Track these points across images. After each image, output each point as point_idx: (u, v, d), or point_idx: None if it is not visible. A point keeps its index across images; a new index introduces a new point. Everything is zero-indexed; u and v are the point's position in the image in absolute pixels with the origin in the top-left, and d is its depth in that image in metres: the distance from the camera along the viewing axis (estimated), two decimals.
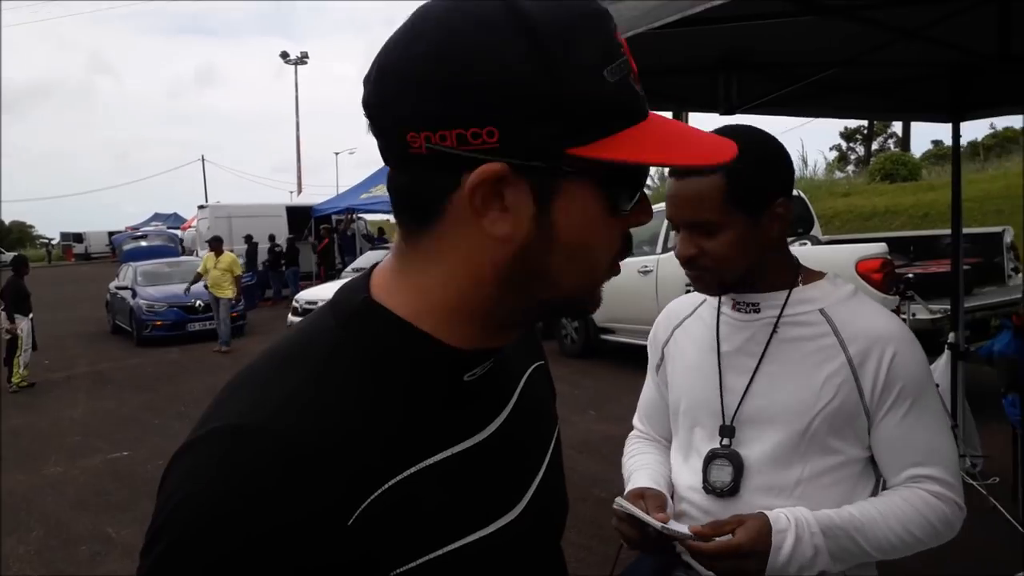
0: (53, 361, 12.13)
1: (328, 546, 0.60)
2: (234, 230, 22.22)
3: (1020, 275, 7.21)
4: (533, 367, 0.89)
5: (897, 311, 6.48)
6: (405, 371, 0.69)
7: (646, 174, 0.73)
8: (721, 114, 4.31)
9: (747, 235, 1.35)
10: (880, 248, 6.54)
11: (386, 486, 0.64)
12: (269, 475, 0.60)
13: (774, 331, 1.39)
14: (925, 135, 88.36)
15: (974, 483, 4.51)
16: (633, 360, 9.32)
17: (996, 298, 6.84)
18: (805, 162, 18.22)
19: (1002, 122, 28.31)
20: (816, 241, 8.19)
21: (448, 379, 0.72)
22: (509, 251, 0.66)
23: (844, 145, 47.97)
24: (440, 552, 0.66)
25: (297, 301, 11.18)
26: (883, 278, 6.46)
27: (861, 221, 13.14)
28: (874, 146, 44.08)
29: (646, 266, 8.80)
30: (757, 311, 1.42)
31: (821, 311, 1.36)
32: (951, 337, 5.05)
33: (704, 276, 1.40)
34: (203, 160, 52.36)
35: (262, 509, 0.59)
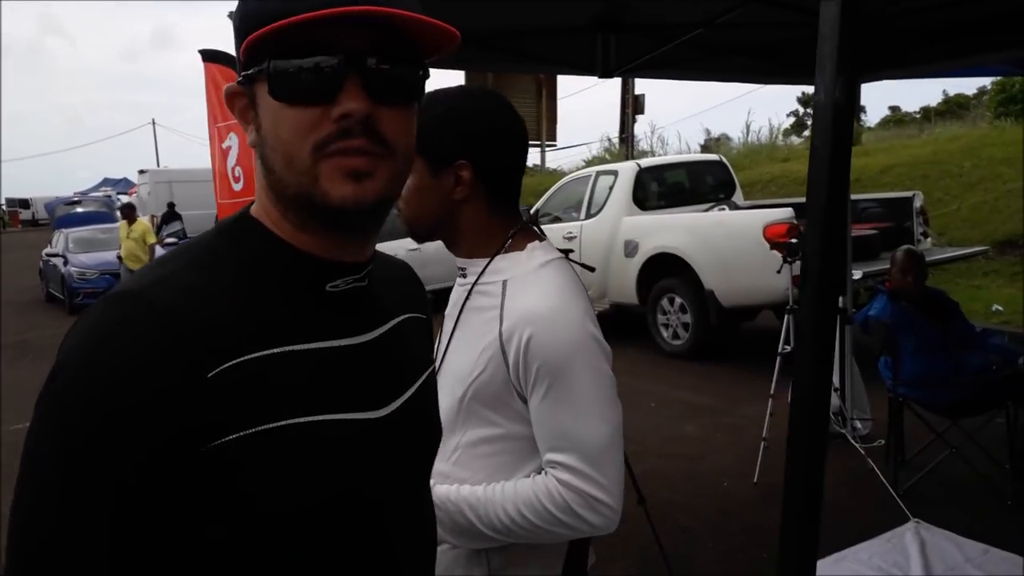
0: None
1: (181, 396, 0.69)
2: (176, 196, 21.74)
3: (929, 239, 7.30)
4: (410, 316, 0.97)
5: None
6: (273, 273, 0.79)
7: (311, 50, 0.75)
8: (599, 77, 4.24)
9: (425, 185, 1.34)
10: (787, 213, 6.57)
11: (245, 358, 0.72)
12: (139, 329, 0.70)
13: (467, 298, 1.36)
14: (883, 100, 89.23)
15: (856, 445, 4.58)
16: None
17: None
18: (748, 127, 18.27)
19: (954, 87, 28.62)
20: (734, 207, 8.20)
21: (310, 285, 0.81)
22: (258, 156, 0.80)
23: (801, 111, 48.25)
24: (290, 422, 0.74)
25: None
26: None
27: (796, 186, 13.22)
28: None
29: (570, 232, 8.76)
30: (464, 276, 1.41)
31: (503, 283, 1.32)
32: (840, 302, 5.09)
33: (399, 217, 1.39)
34: (153, 124, 51.30)
35: (129, 357, 0.69)
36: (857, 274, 6.17)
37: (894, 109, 44.42)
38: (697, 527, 3.95)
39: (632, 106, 22.38)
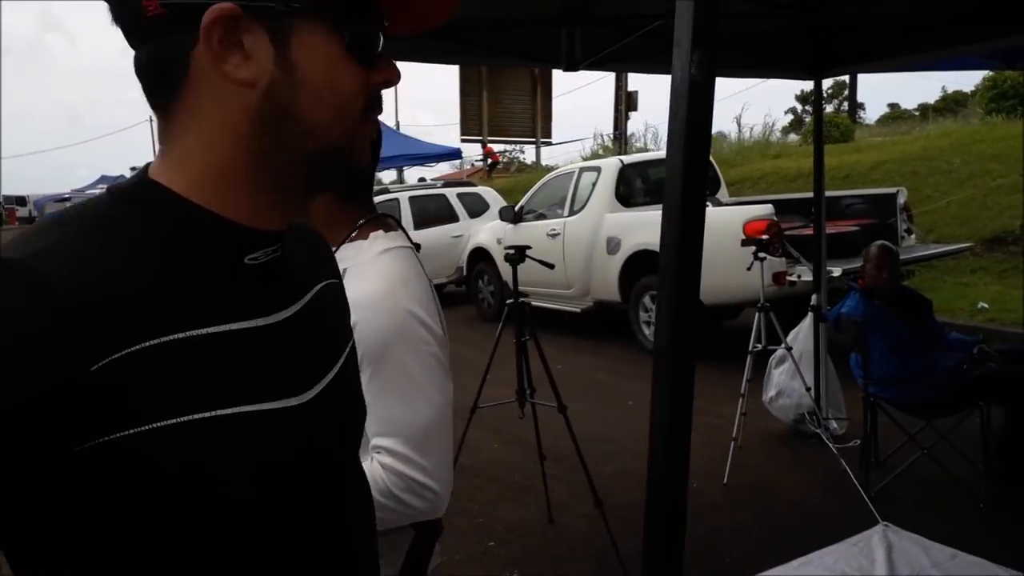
0: None
1: (73, 390, 0.60)
2: None
3: (913, 236, 7.21)
4: (326, 283, 0.89)
5: (784, 274, 6.45)
6: (181, 245, 0.69)
7: (379, 15, 0.74)
8: (564, 69, 4.16)
9: None
10: (766, 210, 6.48)
11: (148, 343, 0.63)
12: (22, 310, 0.59)
13: None
14: (882, 98, 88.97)
15: (830, 445, 4.51)
16: (545, 324, 9.25)
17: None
18: (739, 124, 18.15)
19: (954, 83, 28.53)
20: (717, 203, 8.11)
21: (227, 257, 0.72)
22: (256, 96, 0.68)
23: (799, 108, 48.21)
24: (205, 415, 0.66)
25: None
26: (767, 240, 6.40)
27: (786, 182, 13.14)
28: (828, 109, 44.31)
29: (554, 229, 8.68)
30: None
31: (345, 271, 1.28)
32: (813, 299, 5.01)
33: None
34: (151, 121, 50.95)
35: (10, 346, 0.58)
36: (836, 271, 6.09)
37: (893, 106, 44.36)
38: None
39: (625, 103, 22.29)
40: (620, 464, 4.71)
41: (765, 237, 4.67)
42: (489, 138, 23.56)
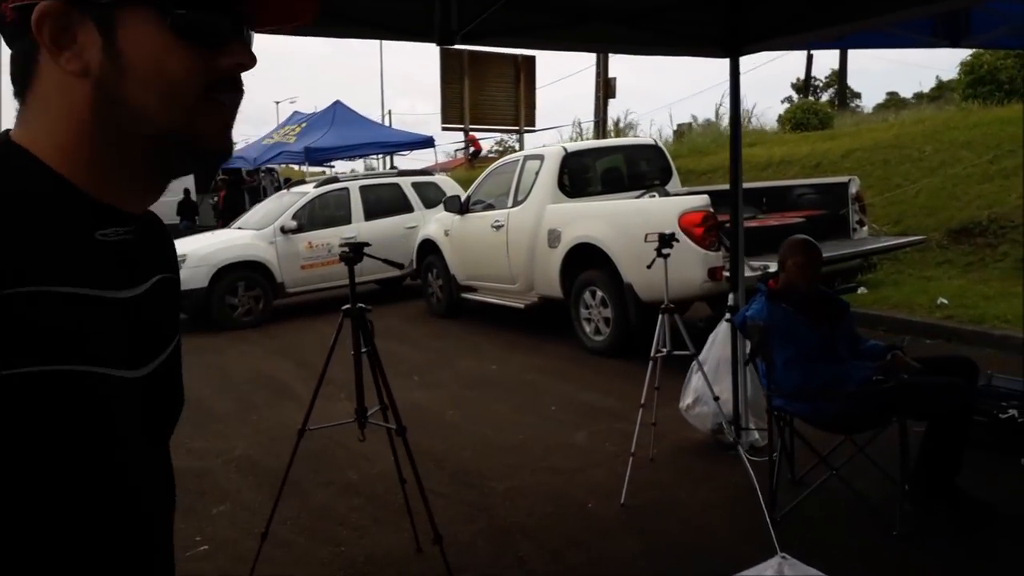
0: None
1: None
2: None
3: (865, 228, 6.79)
4: (165, 275, 0.90)
5: (720, 270, 6.03)
6: (38, 204, 0.73)
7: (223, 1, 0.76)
8: (437, 43, 3.74)
9: None
10: (702, 201, 6.06)
11: (6, 292, 0.66)
12: None
13: None
14: (880, 86, 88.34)
15: (746, 458, 4.10)
16: (492, 320, 8.86)
17: (839, 251, 6.42)
18: (717, 113, 17.67)
19: (948, 72, 28.04)
20: (665, 194, 7.69)
21: (81, 226, 0.76)
22: (90, 85, 0.74)
23: (795, 97, 47.74)
24: (59, 368, 0.69)
25: None
26: (704, 232, 6.00)
27: (756, 171, 12.70)
28: (824, 97, 43.83)
29: (498, 221, 8.26)
30: None
31: None
32: (730, 299, 4.61)
33: None
34: None
35: None
36: (772, 266, 5.68)
37: (892, 94, 43.89)
38: (536, 559, 3.46)
39: (604, 89, 21.82)
40: (516, 481, 4.31)
41: (670, 232, 4.24)
42: (471, 126, 23.16)
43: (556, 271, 7.47)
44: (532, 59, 23.17)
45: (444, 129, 22.26)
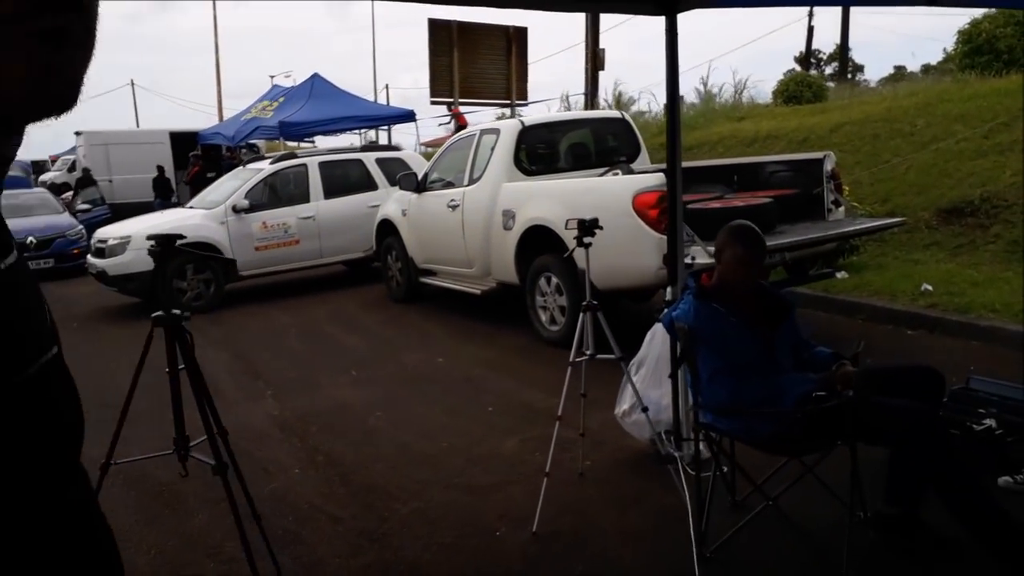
0: None
1: None
2: (112, 159, 20.58)
3: (842, 208, 6.22)
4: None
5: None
6: None
7: None
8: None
9: None
10: (657, 179, 5.50)
11: None
12: None
13: None
14: (888, 59, 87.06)
15: (683, 473, 3.58)
16: (451, 307, 8.33)
17: (809, 234, 5.85)
18: (704, 85, 16.98)
19: (936, 45, 27.24)
20: (628, 171, 7.11)
21: None
22: None
23: (798, 70, 46.86)
24: None
25: (95, 239, 9.87)
26: (659, 215, 5.44)
27: (742, 146, 12.11)
28: (828, 71, 42.93)
29: (454, 200, 7.69)
30: None
31: None
32: (667, 293, 4.07)
33: None
34: (132, 84, 49.50)
35: None
36: (696, 255, 5.12)
37: (899, 68, 42.88)
38: None
39: (592, 61, 21.12)
40: (424, 502, 3.79)
41: (590, 219, 3.68)
42: (461, 100, 22.49)
43: (511, 255, 6.93)
44: (524, 31, 22.38)
45: (433, 103, 21.53)
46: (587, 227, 3.52)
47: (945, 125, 9.54)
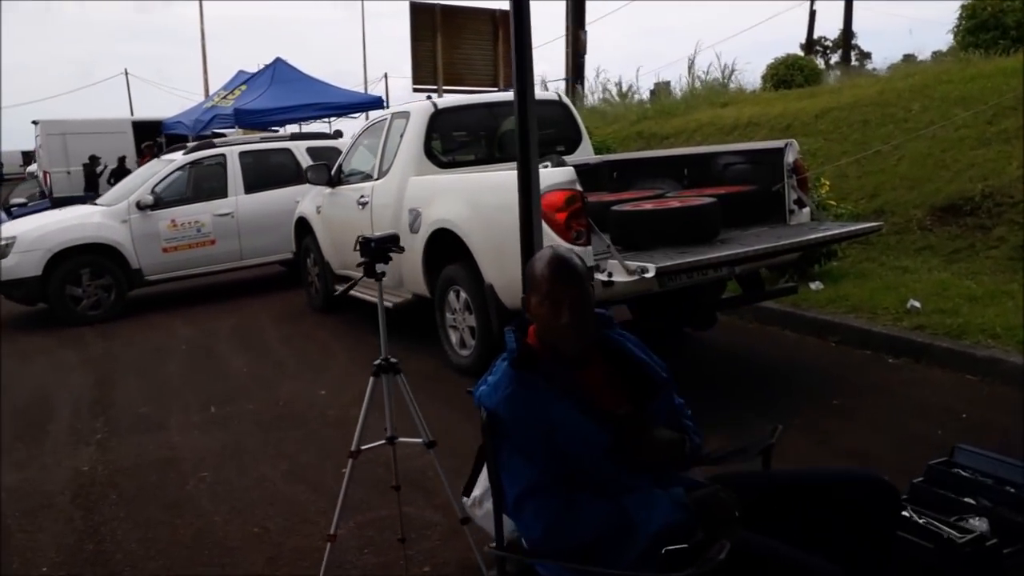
0: None
1: None
2: (70, 149, 19.49)
3: (806, 209, 5.06)
4: None
5: (590, 272, 4.35)
6: None
7: None
8: None
9: None
10: (566, 175, 4.37)
11: None
12: None
13: None
14: (898, 47, 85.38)
15: None
16: (373, 321, 7.28)
17: (759, 244, 4.63)
18: (690, 68, 15.73)
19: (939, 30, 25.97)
20: (559, 163, 5.94)
21: None
22: None
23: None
24: None
25: None
26: (567, 219, 4.30)
27: (721, 134, 10.93)
28: (835, 59, 41.52)
29: (364, 196, 6.57)
30: None
31: None
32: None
33: None
34: (126, 74, 48.39)
35: None
36: (632, 269, 4.01)
37: (908, 57, 41.47)
38: None
39: (573, 45, 19.93)
40: None
41: (383, 236, 2.56)
42: (444, 87, 21.32)
43: (419, 263, 5.80)
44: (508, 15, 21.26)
45: (415, 91, 20.43)
46: (374, 249, 2.39)
47: (943, 109, 8.35)
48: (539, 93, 8.02)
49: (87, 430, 4.96)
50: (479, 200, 5.12)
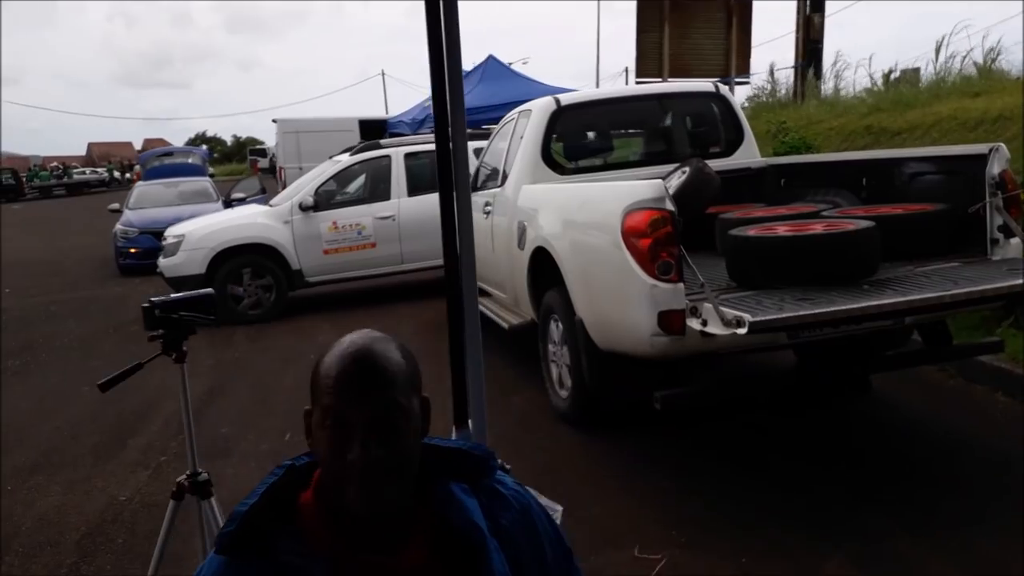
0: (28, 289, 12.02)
1: None
2: (302, 146, 20.81)
3: (1016, 240, 3.61)
4: None
5: (682, 315, 3.34)
6: None
7: None
8: None
9: None
10: (653, 191, 3.36)
11: None
12: None
13: None
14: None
15: None
16: (494, 342, 6.59)
17: (933, 290, 3.31)
18: (937, 53, 13.24)
19: None
20: (698, 170, 4.87)
21: None
22: None
23: None
24: None
25: (166, 237, 9.13)
26: (651, 247, 3.31)
27: (963, 132, 8.91)
28: None
29: (488, 203, 5.91)
30: None
31: None
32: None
33: None
34: (383, 74, 52.26)
35: None
36: (708, 319, 2.95)
37: None
38: None
39: (804, 29, 17.91)
40: None
41: (195, 296, 1.81)
42: (671, 79, 20.38)
43: (524, 284, 5.04)
44: (747, 2, 19.86)
45: (638, 82, 19.72)
46: (158, 318, 1.66)
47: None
48: (693, 84, 6.89)
49: (157, 450, 4.76)
50: (570, 217, 4.25)
